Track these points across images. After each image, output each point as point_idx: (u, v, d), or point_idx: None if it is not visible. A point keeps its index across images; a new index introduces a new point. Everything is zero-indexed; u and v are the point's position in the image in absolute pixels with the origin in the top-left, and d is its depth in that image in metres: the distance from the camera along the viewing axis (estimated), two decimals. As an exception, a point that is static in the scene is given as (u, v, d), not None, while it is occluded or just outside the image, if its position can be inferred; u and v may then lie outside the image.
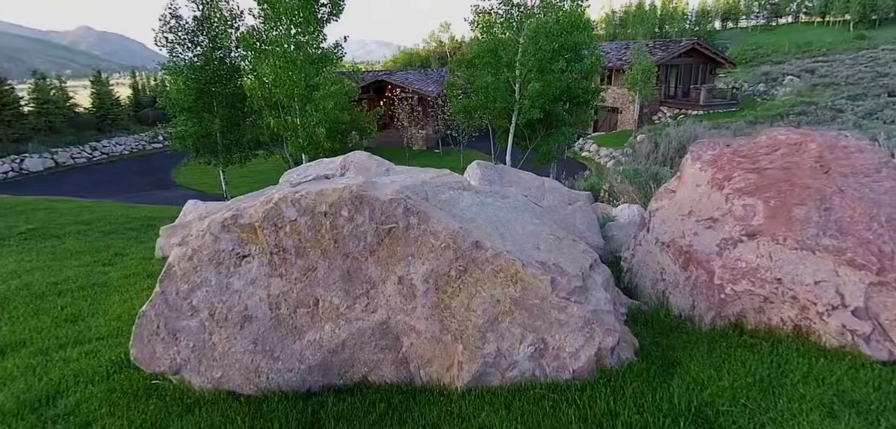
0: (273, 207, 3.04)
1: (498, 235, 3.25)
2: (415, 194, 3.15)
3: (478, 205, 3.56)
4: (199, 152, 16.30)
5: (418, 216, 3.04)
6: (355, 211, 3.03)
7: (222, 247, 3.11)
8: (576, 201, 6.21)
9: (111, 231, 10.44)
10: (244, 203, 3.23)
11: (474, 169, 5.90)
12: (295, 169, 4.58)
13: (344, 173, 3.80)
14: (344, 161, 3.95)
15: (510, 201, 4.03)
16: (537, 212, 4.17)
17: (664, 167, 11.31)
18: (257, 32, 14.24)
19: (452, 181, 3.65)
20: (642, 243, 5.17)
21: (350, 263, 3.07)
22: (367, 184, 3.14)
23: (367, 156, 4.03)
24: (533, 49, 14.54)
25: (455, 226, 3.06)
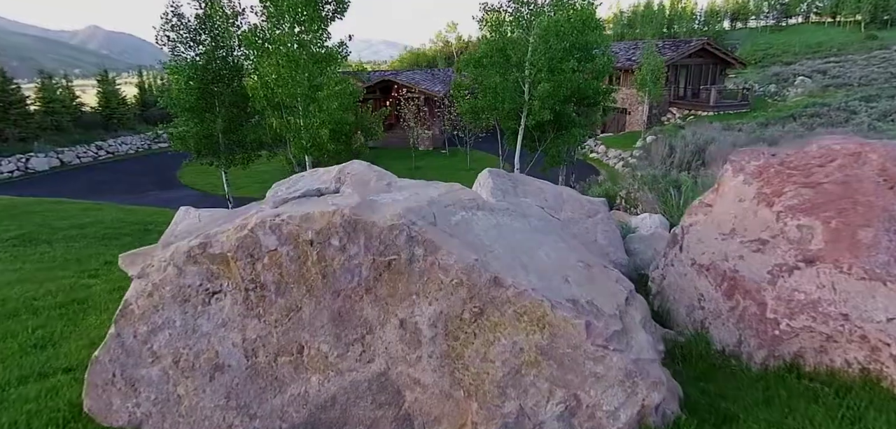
0: (248, 234, 2.48)
1: (520, 267, 2.67)
2: (420, 218, 2.58)
3: (495, 228, 2.98)
4: (200, 153, 15.79)
5: (425, 246, 2.47)
6: (348, 240, 2.47)
7: (188, 281, 2.55)
8: (596, 213, 5.61)
9: (105, 236, 9.94)
10: (215, 228, 2.66)
11: (486, 178, 5.32)
12: (284, 181, 4.00)
13: (339, 187, 3.23)
14: (340, 172, 3.38)
15: (532, 221, 3.45)
16: (562, 232, 3.60)
17: (682, 172, 10.67)
18: (260, 31, 13.70)
19: (465, 199, 3.06)
20: (674, 264, 4.58)
21: (342, 303, 2.51)
22: (362, 205, 2.58)
23: (366, 166, 3.45)
24: (543, 48, 13.93)
25: (469, 258, 2.48)
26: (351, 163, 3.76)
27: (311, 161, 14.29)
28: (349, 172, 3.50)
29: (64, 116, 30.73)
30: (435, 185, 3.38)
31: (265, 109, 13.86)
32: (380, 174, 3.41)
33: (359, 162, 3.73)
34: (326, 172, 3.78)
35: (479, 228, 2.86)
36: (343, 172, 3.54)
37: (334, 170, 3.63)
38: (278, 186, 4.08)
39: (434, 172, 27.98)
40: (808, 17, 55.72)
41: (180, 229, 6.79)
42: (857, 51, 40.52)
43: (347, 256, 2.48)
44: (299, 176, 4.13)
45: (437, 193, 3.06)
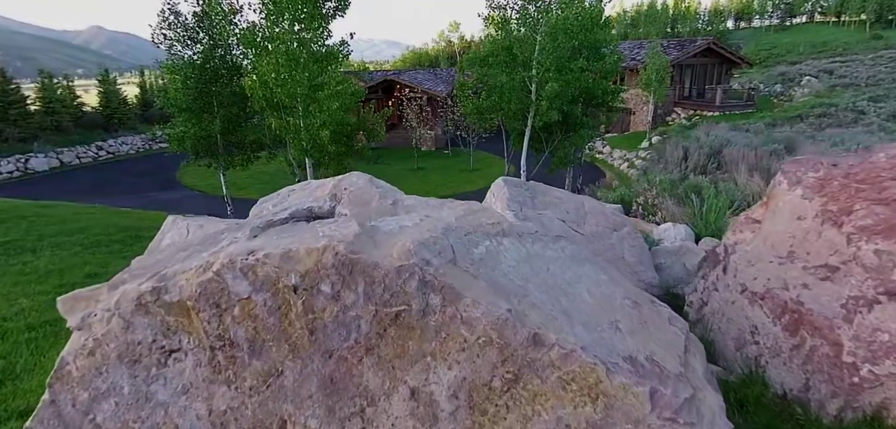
0: (213, 278, 1.89)
1: (562, 315, 2.08)
2: (436, 255, 1.99)
3: (526, 261, 2.38)
4: (198, 154, 15.23)
5: (442, 293, 1.88)
6: (343, 285, 1.88)
7: (138, 337, 1.96)
8: (622, 227, 5.01)
9: (94, 244, 9.37)
10: (174, 264, 2.07)
11: (501, 188, 4.73)
12: (271, 197, 3.41)
13: (334, 206, 2.64)
14: (336, 187, 2.78)
15: (565, 246, 2.85)
16: (597, 258, 3.01)
17: (699, 176, 10.06)
18: (259, 29, 13.09)
19: (487, 223, 2.47)
20: (719, 288, 3.99)
21: (335, 367, 1.92)
22: (361, 238, 1.98)
23: (366, 180, 2.85)
24: (551, 46, 13.32)
25: (500, 307, 1.89)
26: (349, 175, 3.16)
27: (311, 163, 13.70)
28: (347, 187, 2.91)
29: (64, 116, 30.21)
30: (450, 204, 2.78)
31: (264, 109, 13.27)
32: (383, 191, 2.82)
33: (358, 175, 3.13)
34: (321, 185, 3.18)
35: (507, 263, 2.26)
36: (340, 186, 2.95)
37: (329, 184, 3.03)
38: (264, 202, 3.49)
39: (437, 172, 27.41)
40: (813, 17, 54.93)
41: (166, 243, 6.19)
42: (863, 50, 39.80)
43: (342, 307, 1.88)
44: (289, 190, 3.53)
45: (453, 217, 2.46)
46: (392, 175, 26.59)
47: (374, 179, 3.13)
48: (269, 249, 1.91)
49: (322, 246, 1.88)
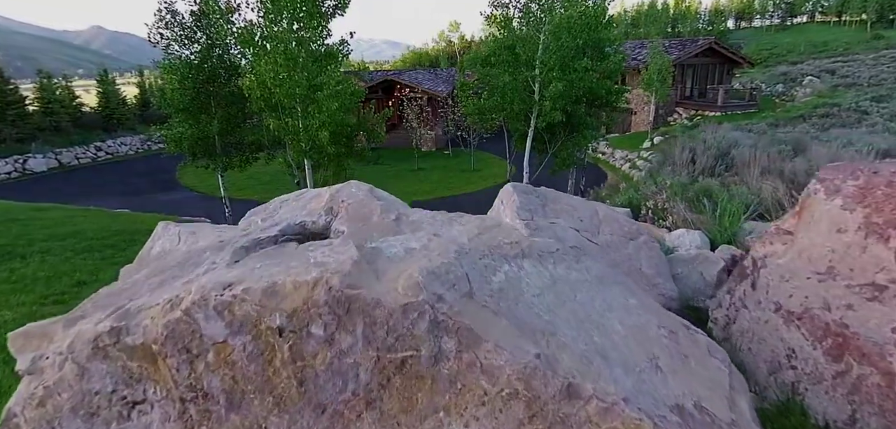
0: (182, 318, 1.57)
1: (597, 356, 1.76)
2: (448, 287, 1.66)
3: (550, 288, 2.06)
4: (195, 156, 14.90)
5: (458, 337, 1.56)
6: (338, 327, 1.56)
7: (95, 386, 1.64)
8: (638, 235, 4.69)
9: (85, 249, 9.04)
10: (141, 298, 1.74)
11: (510, 195, 4.40)
12: (260, 209, 3.09)
13: (330, 221, 2.31)
14: (332, 199, 2.45)
15: (589, 265, 2.52)
16: (623, 277, 2.69)
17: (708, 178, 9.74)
18: (257, 28, 12.75)
19: (505, 244, 2.14)
20: (748, 305, 3.67)
21: (329, 423, 1.60)
22: (360, 267, 1.66)
23: (366, 191, 2.52)
24: (555, 46, 12.98)
25: (527, 352, 1.57)
26: (347, 185, 2.84)
27: (310, 164, 13.37)
28: (344, 199, 2.58)
29: (63, 116, 29.85)
30: (460, 219, 2.45)
31: (263, 110, 12.94)
32: (385, 204, 2.49)
33: (357, 185, 2.81)
34: (316, 196, 2.85)
35: (531, 292, 1.93)
36: (336, 198, 2.62)
37: (325, 195, 2.71)
38: (253, 214, 3.17)
39: (437, 173, 27.08)
40: (813, 17, 54.56)
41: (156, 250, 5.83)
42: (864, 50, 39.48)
43: (337, 353, 1.56)
44: (281, 201, 3.21)
45: (466, 237, 2.13)
46: (392, 175, 26.24)
47: (375, 189, 2.80)
48: (249, 282, 1.58)
49: (313, 279, 1.56)
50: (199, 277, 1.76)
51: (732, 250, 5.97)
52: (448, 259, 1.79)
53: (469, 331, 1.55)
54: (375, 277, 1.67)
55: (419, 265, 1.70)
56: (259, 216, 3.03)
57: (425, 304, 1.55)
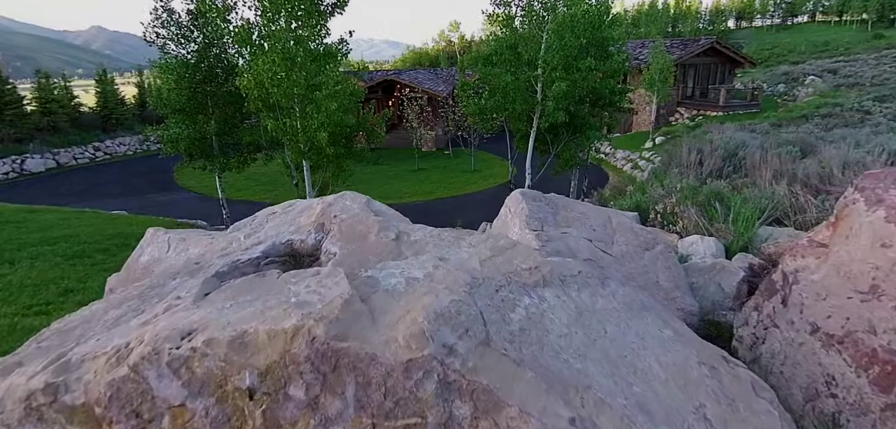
0: (129, 375, 1.26)
1: (638, 411, 1.44)
2: (462, 334, 1.35)
3: (577, 321, 1.75)
4: (192, 157, 14.57)
5: (473, 400, 1.25)
6: (324, 387, 1.24)
7: (25, 455, 1.33)
8: (653, 245, 4.37)
9: (76, 254, 8.74)
10: (87, 343, 1.43)
11: (518, 204, 4.08)
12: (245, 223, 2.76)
13: (320, 240, 2.00)
14: (324, 214, 2.14)
15: (616, 291, 2.21)
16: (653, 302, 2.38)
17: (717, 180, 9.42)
18: (254, 27, 12.41)
19: (523, 270, 1.83)
20: (779, 325, 3.36)
21: (312, 505, 1.29)
22: (352, 307, 1.35)
23: (362, 205, 2.20)
24: (558, 45, 12.65)
25: (560, 418, 1.26)
26: (341, 198, 2.52)
27: (307, 167, 13.05)
28: (337, 214, 2.27)
29: (61, 116, 29.51)
30: (469, 238, 2.14)
31: (260, 110, 12.61)
32: (383, 220, 2.17)
33: (352, 196, 2.49)
34: (307, 209, 2.54)
35: (556, 330, 1.62)
36: (329, 213, 2.30)
37: (317, 208, 2.39)
38: (237, 229, 2.85)
39: (438, 173, 26.76)
40: (814, 16, 54.18)
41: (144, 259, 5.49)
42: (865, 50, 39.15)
43: (322, 420, 1.25)
44: (268, 213, 2.89)
45: (477, 260, 1.82)
46: (393, 176, 25.92)
47: (372, 201, 2.49)
48: (213, 330, 1.27)
49: (292, 326, 1.24)
50: (158, 318, 1.45)
51: (750, 259, 5.65)
52: (459, 295, 1.48)
53: (487, 392, 1.24)
54: (371, 321, 1.35)
55: (424, 305, 1.39)
56: (242, 232, 2.71)
57: (433, 359, 1.23)
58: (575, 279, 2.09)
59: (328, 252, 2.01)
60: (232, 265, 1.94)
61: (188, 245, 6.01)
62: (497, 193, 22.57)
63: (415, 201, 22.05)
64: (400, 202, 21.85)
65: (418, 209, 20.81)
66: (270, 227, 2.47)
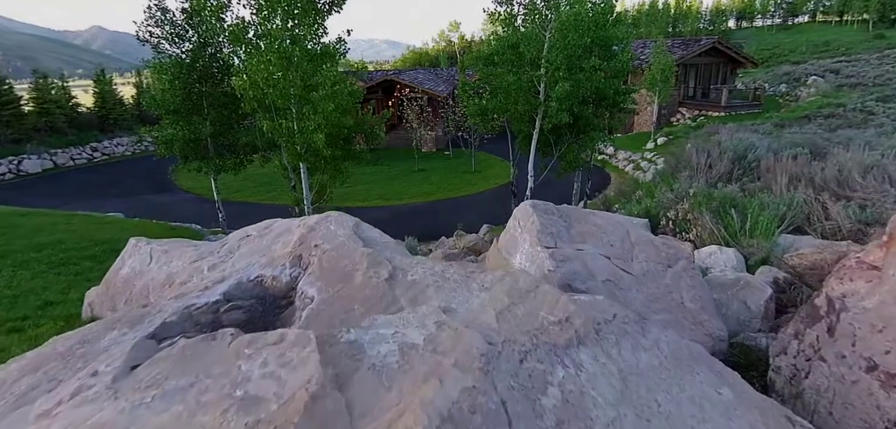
0: None
1: None
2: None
3: (622, 396, 1.33)
4: (187, 159, 14.16)
5: None
6: None
7: None
8: (675, 261, 3.95)
9: (62, 262, 8.32)
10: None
11: (529, 217, 3.66)
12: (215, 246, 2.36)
13: (296, 276, 1.58)
14: (303, 242, 1.72)
15: (659, 339, 1.79)
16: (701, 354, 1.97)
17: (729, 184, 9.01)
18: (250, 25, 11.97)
19: (550, 325, 1.41)
20: (827, 358, 2.95)
21: None
22: (319, 401, 0.94)
23: (348, 231, 1.78)
24: (561, 44, 12.23)
25: None
26: (325, 221, 2.10)
27: (305, 169, 12.63)
28: (319, 242, 1.85)
29: (58, 117, 29.09)
30: (480, 278, 1.72)
31: (256, 111, 12.18)
32: (373, 254, 1.76)
33: (338, 219, 2.07)
34: (285, 233, 2.12)
35: (602, 416, 1.20)
36: (309, 241, 1.89)
37: (295, 234, 1.97)
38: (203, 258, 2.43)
39: (438, 174, 26.36)
40: (815, 16, 53.66)
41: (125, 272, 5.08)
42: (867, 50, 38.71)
43: None
44: (242, 236, 2.47)
45: (492, 314, 1.40)
46: (392, 176, 25.51)
47: (361, 225, 2.07)
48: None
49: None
50: (61, 408, 1.03)
51: (774, 272, 5.24)
52: (472, 377, 1.06)
53: None
54: (347, 422, 0.93)
55: (424, 398, 0.97)
56: (208, 261, 2.29)
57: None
58: (611, 327, 1.66)
59: (304, 296, 1.59)
60: (183, 314, 1.52)
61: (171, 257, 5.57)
62: (498, 194, 22.15)
63: (415, 202, 21.65)
64: (400, 203, 21.42)
65: (418, 210, 20.40)
66: (241, 255, 2.05)
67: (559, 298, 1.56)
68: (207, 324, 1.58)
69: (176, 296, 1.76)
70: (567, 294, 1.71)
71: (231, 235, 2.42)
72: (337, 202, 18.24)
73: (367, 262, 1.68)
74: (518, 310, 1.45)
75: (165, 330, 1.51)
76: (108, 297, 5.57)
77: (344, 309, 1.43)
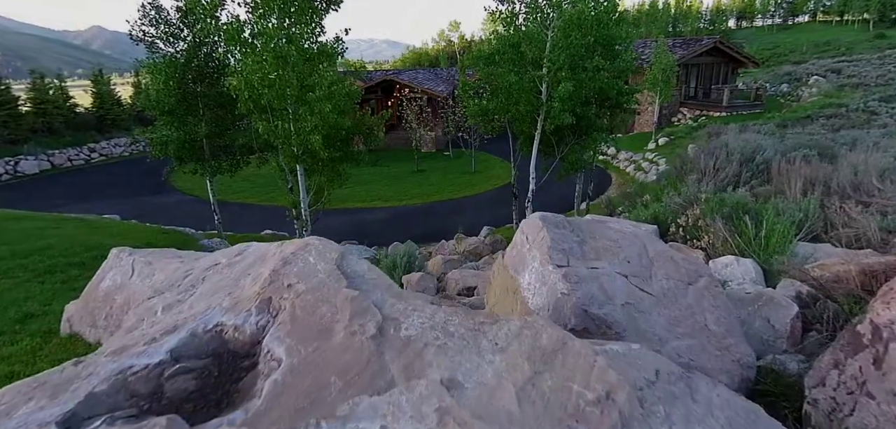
0: None
1: None
2: None
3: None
4: (182, 160, 13.80)
5: None
6: None
7: None
8: (697, 278, 3.60)
9: (48, 270, 7.96)
10: None
11: (538, 232, 3.32)
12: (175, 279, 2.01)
13: (264, 325, 1.21)
14: (274, 281, 1.38)
15: (711, 397, 1.45)
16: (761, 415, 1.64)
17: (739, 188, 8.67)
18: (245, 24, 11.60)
19: (589, 406, 1.06)
20: (875, 394, 2.60)
21: None
22: None
23: (330, 267, 1.43)
24: (564, 43, 11.87)
25: None
26: (305, 250, 1.75)
27: (301, 171, 12.28)
28: (293, 283, 1.50)
29: (56, 117, 28.71)
30: (491, 332, 1.37)
31: (252, 112, 11.82)
32: (359, 298, 1.41)
33: (318, 250, 1.72)
34: (257, 264, 1.78)
35: None
36: (281, 280, 1.54)
37: (266, 271, 1.62)
38: (159, 293, 2.08)
39: (438, 174, 26.02)
40: (815, 16, 53.25)
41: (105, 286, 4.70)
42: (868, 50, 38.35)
43: None
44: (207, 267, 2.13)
45: (512, 392, 1.06)
46: (392, 177, 25.15)
47: (347, 258, 1.72)
48: None
49: None
50: None
51: (797, 286, 4.87)
52: None
53: None
54: None
55: None
56: (162, 300, 1.95)
57: None
58: (656, 391, 1.32)
59: (271, 356, 1.25)
60: (115, 382, 1.19)
61: (154, 269, 5.20)
62: (498, 195, 21.80)
63: (415, 204, 21.31)
64: (399, 204, 21.07)
65: (418, 212, 20.05)
66: (203, 294, 1.70)
67: (594, 363, 1.21)
68: (146, 395, 1.24)
69: (114, 351, 1.41)
70: (600, 348, 1.36)
71: (196, 264, 2.07)
72: (336, 204, 17.89)
73: (351, 310, 1.34)
74: (544, 383, 1.11)
75: (90, 406, 1.16)
76: (88, 312, 5.22)
77: (317, 383, 1.09)
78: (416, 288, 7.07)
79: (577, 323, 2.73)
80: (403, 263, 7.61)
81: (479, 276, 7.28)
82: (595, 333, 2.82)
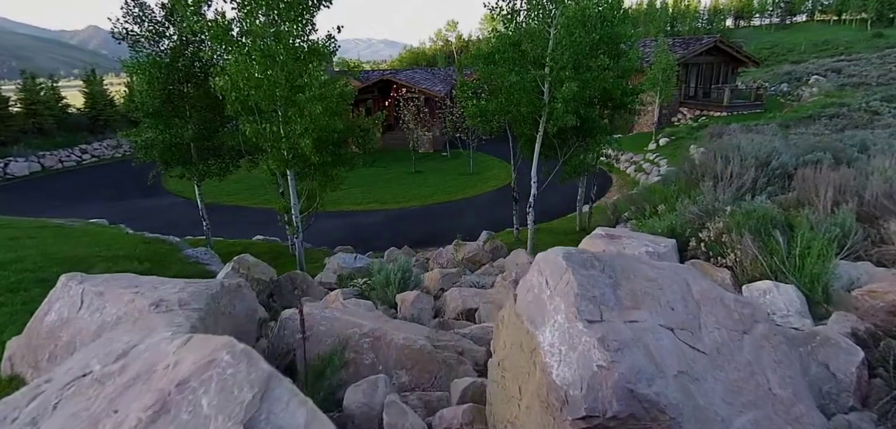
0: None
1: None
2: None
3: None
4: (168, 164, 13.03)
5: None
6: None
7: None
8: (752, 325, 2.88)
9: (12, 287, 7.19)
10: None
11: (562, 274, 2.59)
12: (27, 394, 1.20)
13: None
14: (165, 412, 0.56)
15: None
16: None
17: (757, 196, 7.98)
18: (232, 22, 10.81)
19: None
20: None
21: None
22: None
23: (237, 410, 0.59)
24: (567, 41, 11.14)
25: None
26: (206, 370, 1.02)
27: (292, 176, 11.53)
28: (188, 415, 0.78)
29: (47, 118, 27.84)
30: None
31: (239, 114, 11.04)
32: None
33: (227, 374, 1.00)
34: (131, 393, 1.04)
35: None
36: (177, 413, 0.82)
37: (132, 418, 0.89)
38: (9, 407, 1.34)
39: (436, 175, 25.29)
40: (813, 15, 52.61)
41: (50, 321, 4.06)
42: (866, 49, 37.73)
43: None
44: (67, 381, 1.40)
45: None
46: (389, 179, 24.39)
47: (273, 382, 0.99)
48: None
49: None
50: None
51: (851, 321, 4.16)
52: None
53: None
54: None
55: None
56: (11, 416, 1.20)
57: None
58: None
59: None
60: None
61: (105, 301, 4.42)
62: (496, 197, 21.09)
63: (412, 206, 20.60)
64: (396, 207, 20.34)
65: (415, 214, 19.33)
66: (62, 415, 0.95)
67: None
68: None
69: None
70: None
71: (55, 374, 1.34)
72: (331, 206, 17.12)
73: None
74: None
75: None
76: (31, 350, 4.48)
77: None
78: (411, 309, 6.35)
79: (620, 409, 2.02)
80: (397, 280, 6.89)
81: (480, 295, 6.58)
82: (643, 419, 2.11)
